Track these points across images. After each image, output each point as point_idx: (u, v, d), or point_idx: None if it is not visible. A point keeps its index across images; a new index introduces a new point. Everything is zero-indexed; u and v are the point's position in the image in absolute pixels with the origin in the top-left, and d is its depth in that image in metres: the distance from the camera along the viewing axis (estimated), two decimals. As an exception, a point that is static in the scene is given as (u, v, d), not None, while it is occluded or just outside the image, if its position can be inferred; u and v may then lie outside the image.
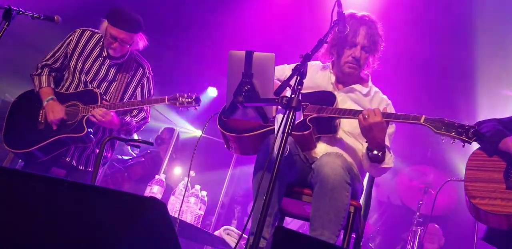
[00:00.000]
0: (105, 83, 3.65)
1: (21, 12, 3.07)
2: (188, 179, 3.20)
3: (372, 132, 2.47)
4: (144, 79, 3.75)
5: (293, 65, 2.50)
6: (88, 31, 3.69)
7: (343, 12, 2.56)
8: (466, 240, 4.67)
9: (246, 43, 5.90)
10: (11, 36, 3.24)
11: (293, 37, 6.02)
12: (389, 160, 2.64)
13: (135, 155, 6.42)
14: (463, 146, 2.37)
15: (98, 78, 3.63)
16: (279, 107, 2.20)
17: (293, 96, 2.11)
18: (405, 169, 5.91)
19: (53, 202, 1.36)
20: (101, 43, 3.64)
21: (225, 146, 2.91)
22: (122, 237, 1.27)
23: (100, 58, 3.64)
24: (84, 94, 3.58)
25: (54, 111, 3.49)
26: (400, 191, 5.96)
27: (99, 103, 3.49)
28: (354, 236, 2.90)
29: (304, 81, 2.22)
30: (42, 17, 3.19)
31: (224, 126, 2.77)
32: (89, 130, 3.46)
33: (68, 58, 3.67)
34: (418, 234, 4.84)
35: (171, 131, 6.74)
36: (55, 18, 3.23)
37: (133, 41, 3.55)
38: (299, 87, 2.16)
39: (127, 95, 3.70)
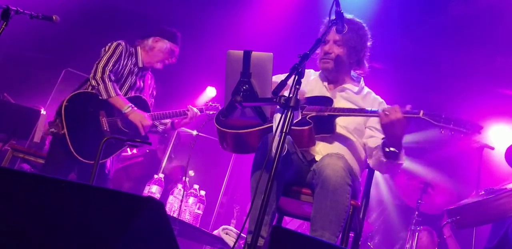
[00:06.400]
0: (139, 93, 3.93)
1: (19, 12, 3.06)
2: (186, 178, 3.20)
3: (394, 128, 2.50)
4: (154, 88, 4.14)
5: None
6: (127, 44, 3.88)
7: (341, 11, 2.57)
8: (465, 240, 4.68)
9: (244, 42, 5.90)
10: (10, 35, 3.25)
11: (292, 37, 6.02)
12: (403, 156, 2.67)
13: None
14: (462, 137, 2.42)
15: (136, 88, 3.93)
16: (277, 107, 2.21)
17: (291, 95, 2.12)
18: (404, 168, 5.90)
19: (49, 201, 1.36)
20: (133, 55, 3.88)
21: (220, 144, 2.90)
22: (119, 237, 1.28)
23: (136, 69, 3.89)
24: (137, 101, 3.80)
25: (145, 119, 3.67)
26: (398, 190, 5.95)
27: (151, 112, 3.84)
28: (352, 235, 2.90)
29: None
30: (40, 17, 3.18)
31: (221, 124, 2.77)
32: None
33: (121, 67, 3.80)
34: (416, 233, 4.84)
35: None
36: (54, 17, 3.23)
37: None
38: (297, 86, 2.16)
39: (152, 104, 4.07)
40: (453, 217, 3.81)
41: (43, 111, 4.98)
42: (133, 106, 3.66)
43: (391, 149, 2.58)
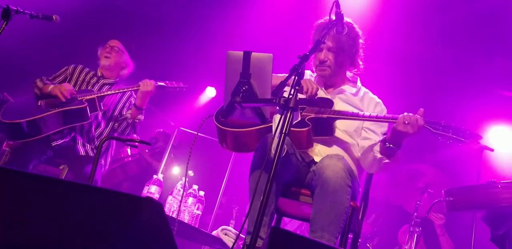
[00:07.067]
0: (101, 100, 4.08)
1: (19, 12, 3.07)
2: (185, 179, 3.20)
3: (401, 135, 2.50)
4: (132, 99, 4.21)
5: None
6: (80, 65, 4.18)
7: (341, 12, 2.57)
8: (464, 240, 4.68)
9: (244, 42, 5.90)
10: (10, 35, 3.25)
11: (292, 38, 6.02)
12: (397, 156, 2.65)
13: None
14: (460, 145, 2.41)
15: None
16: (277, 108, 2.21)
17: (290, 96, 2.12)
18: (403, 169, 5.91)
19: (48, 202, 1.36)
20: (91, 73, 4.15)
21: (219, 142, 2.89)
22: (118, 237, 1.28)
23: (95, 79, 4.13)
24: (82, 91, 3.98)
25: (63, 87, 3.76)
26: (398, 191, 5.95)
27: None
28: (351, 236, 2.90)
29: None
30: (41, 17, 3.19)
31: (220, 122, 2.77)
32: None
33: (69, 78, 4.10)
34: (415, 235, 4.84)
35: (166, 133, 6.70)
36: (54, 17, 3.25)
37: (123, 52, 4.18)
38: (297, 87, 2.16)
39: (119, 106, 4.17)
40: (448, 197, 3.83)
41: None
42: (55, 83, 3.87)
43: (391, 145, 2.57)
